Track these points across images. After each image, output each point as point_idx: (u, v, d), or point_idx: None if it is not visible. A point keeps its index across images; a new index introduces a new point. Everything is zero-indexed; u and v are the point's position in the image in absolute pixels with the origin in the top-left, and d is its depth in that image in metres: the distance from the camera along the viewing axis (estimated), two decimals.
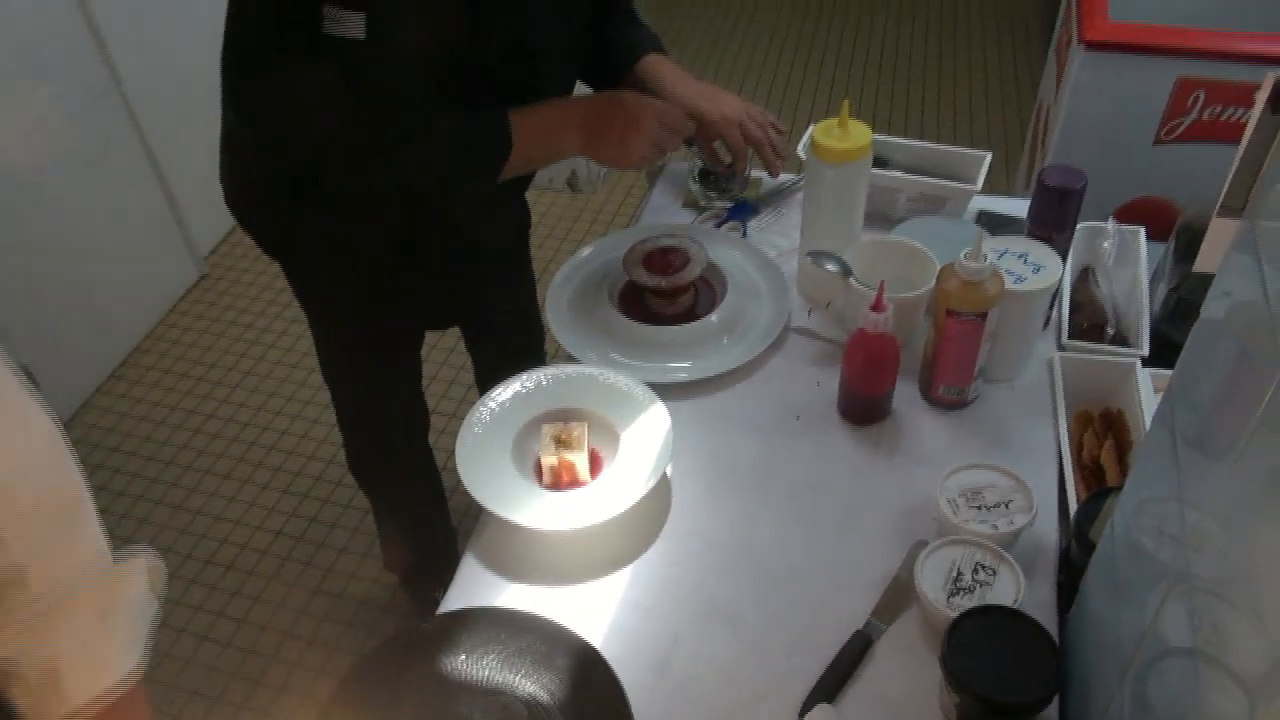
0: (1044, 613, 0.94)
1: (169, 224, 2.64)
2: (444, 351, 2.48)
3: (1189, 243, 1.28)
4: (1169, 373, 0.96)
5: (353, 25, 0.97)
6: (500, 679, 0.92)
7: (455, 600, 1.01)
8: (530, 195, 1.48)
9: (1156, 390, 1.11)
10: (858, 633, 0.94)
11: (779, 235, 1.45)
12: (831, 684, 0.90)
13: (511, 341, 1.70)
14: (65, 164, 2.33)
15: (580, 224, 2.92)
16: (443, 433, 2.11)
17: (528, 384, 1.16)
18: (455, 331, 1.79)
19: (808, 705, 0.89)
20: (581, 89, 1.33)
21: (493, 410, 1.13)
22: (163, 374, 2.53)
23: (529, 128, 1.16)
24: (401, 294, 1.36)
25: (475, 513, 1.05)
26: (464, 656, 0.94)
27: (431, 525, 1.82)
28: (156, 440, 2.35)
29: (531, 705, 0.90)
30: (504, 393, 1.15)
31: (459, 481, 1.05)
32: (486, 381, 1.77)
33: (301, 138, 1.11)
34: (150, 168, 2.56)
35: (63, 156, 2.33)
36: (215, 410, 2.43)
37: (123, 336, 2.58)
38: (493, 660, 0.94)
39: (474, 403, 1.14)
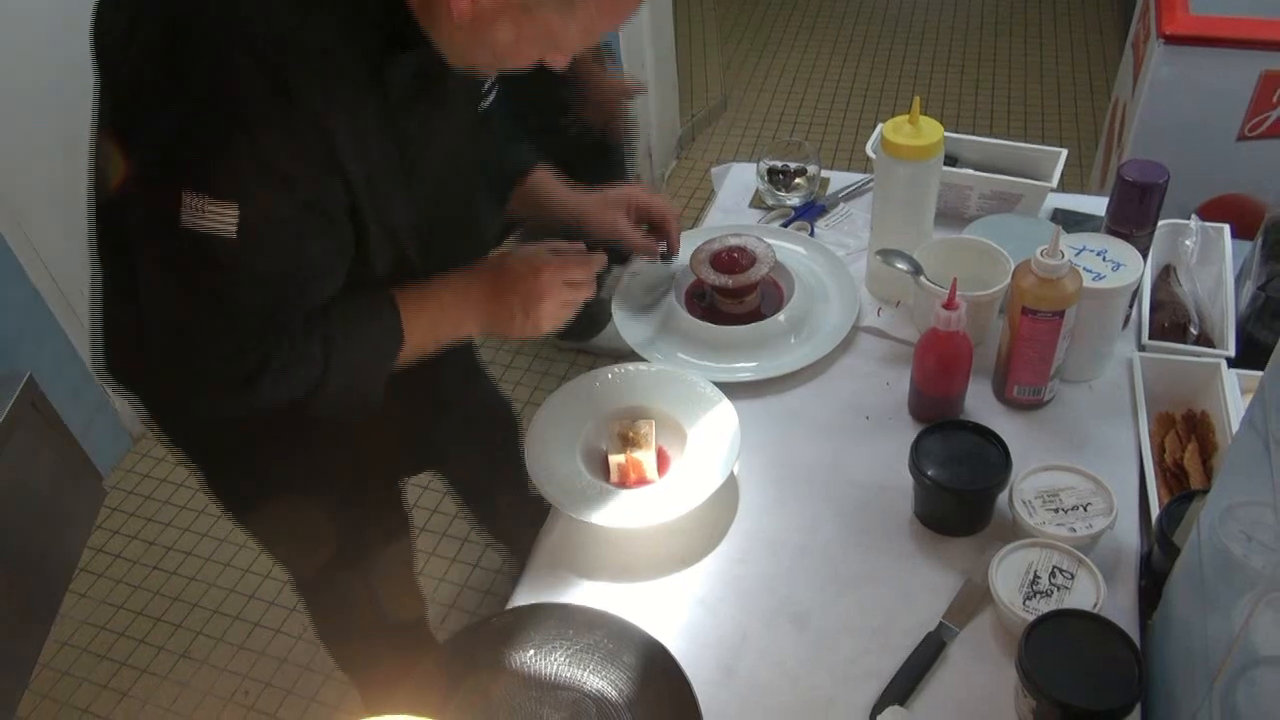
0: (1125, 618, 0.91)
1: None
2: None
3: (1278, 240, 1.24)
4: (1258, 374, 0.93)
5: (221, 221, 0.78)
6: (568, 674, 0.93)
7: (523, 596, 1.02)
8: None
9: (1244, 392, 1.07)
10: (930, 635, 0.93)
11: (847, 235, 1.44)
12: (903, 686, 0.89)
13: (488, 435, 1.52)
14: None
15: None
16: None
17: (595, 382, 1.16)
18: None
19: (879, 707, 0.88)
20: None
21: (561, 408, 1.14)
22: None
23: (422, 323, 0.99)
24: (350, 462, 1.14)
25: None
26: (532, 652, 0.95)
27: None
28: None
29: (600, 701, 0.91)
30: (572, 390, 1.15)
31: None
32: (475, 494, 1.63)
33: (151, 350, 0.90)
34: None
35: None
36: None
37: None
38: (561, 656, 0.94)
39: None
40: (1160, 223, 1.17)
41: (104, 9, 0.85)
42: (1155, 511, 0.99)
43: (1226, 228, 1.30)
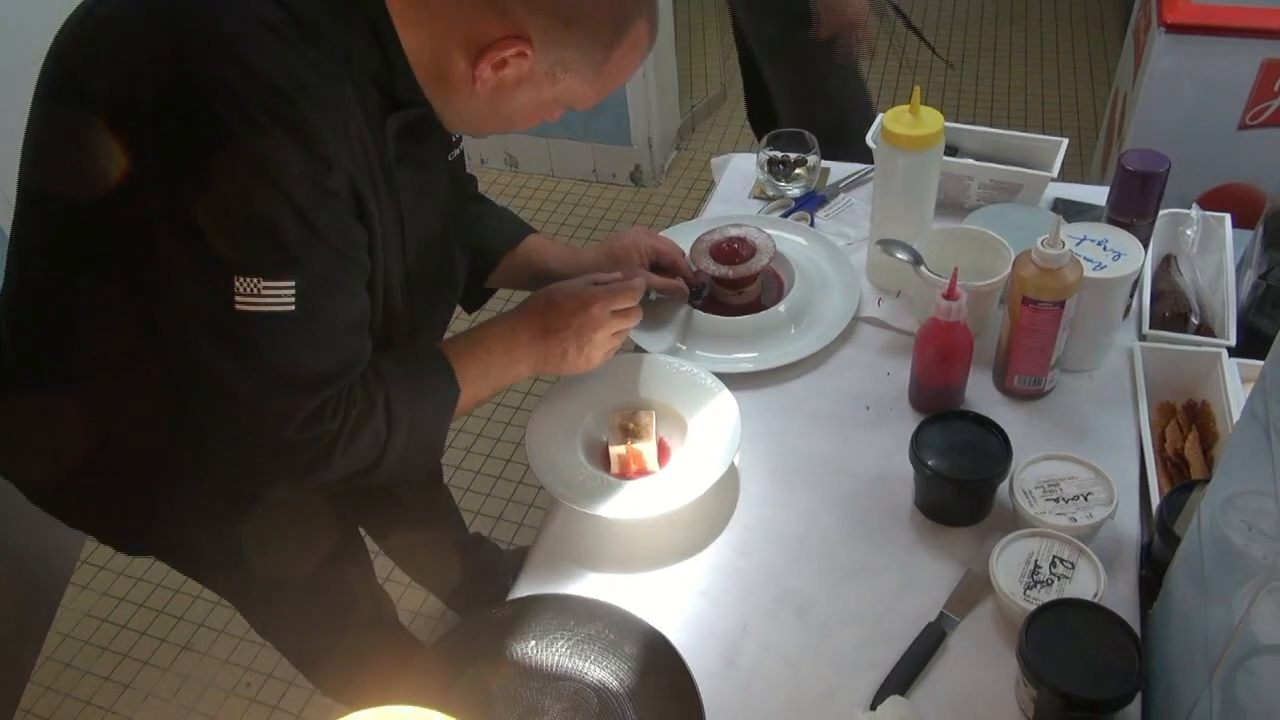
0: (1125, 608, 0.91)
1: None
2: None
3: (1279, 229, 1.23)
4: (1258, 363, 0.93)
5: (278, 297, 0.77)
6: (570, 665, 0.93)
7: (525, 588, 1.02)
8: (595, 189, 1.47)
9: (1245, 381, 1.07)
10: (930, 625, 0.93)
11: (848, 225, 1.43)
12: (904, 676, 0.89)
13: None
14: None
15: (644, 217, 2.92)
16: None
17: (596, 374, 1.16)
18: None
19: (879, 697, 0.88)
20: None
21: (561, 399, 1.14)
22: None
23: (473, 374, 0.98)
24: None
25: None
26: (533, 642, 0.95)
27: None
28: None
29: (601, 692, 0.91)
30: (572, 382, 1.15)
31: None
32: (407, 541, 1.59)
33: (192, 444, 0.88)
34: None
35: None
36: None
37: None
38: (562, 647, 0.94)
39: None
40: (1161, 212, 1.17)
41: (84, 46, 0.80)
42: (1156, 501, 0.99)
43: (1227, 217, 1.30)
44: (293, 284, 0.77)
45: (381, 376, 0.89)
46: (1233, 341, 1.14)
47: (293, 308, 0.77)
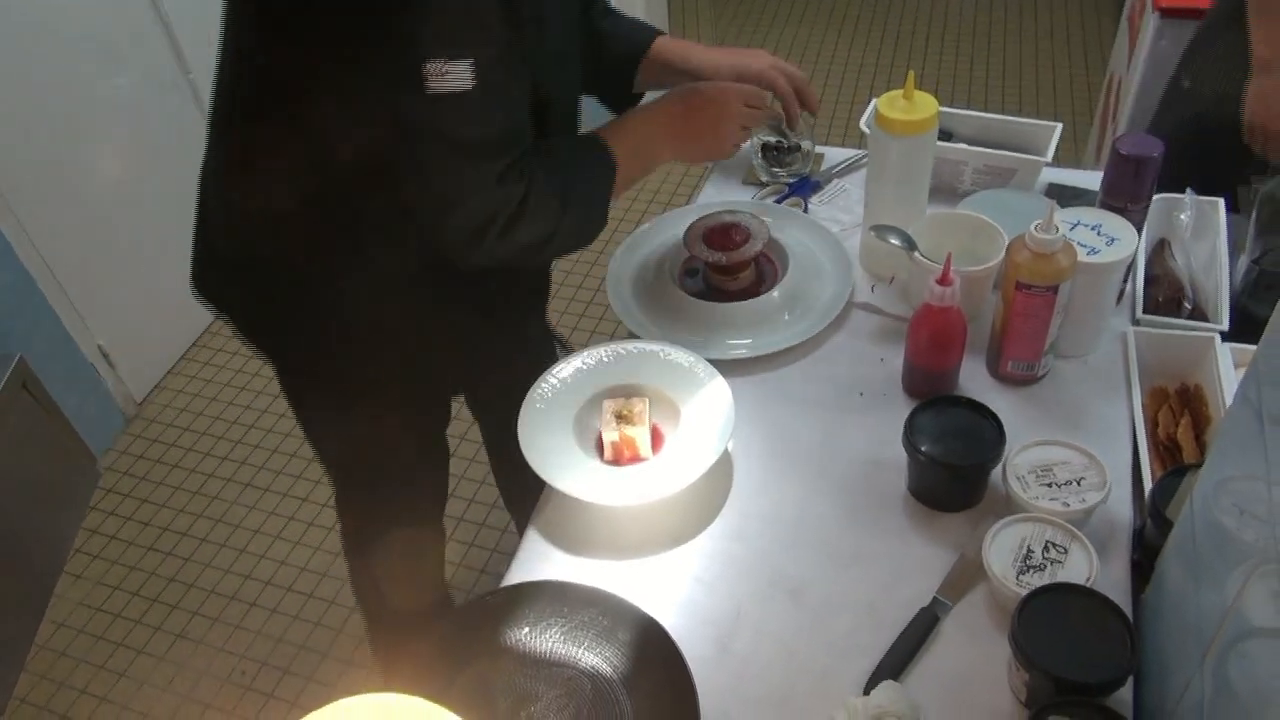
0: (1118, 592, 0.92)
1: None
2: None
3: (1273, 214, 1.23)
4: (1251, 348, 0.93)
5: (460, 76, 0.89)
6: (563, 652, 0.93)
7: (518, 574, 1.02)
8: None
9: (1238, 366, 1.07)
10: (923, 610, 0.93)
11: (841, 210, 1.43)
12: (897, 661, 0.89)
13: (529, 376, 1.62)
14: (136, 150, 2.40)
15: (639, 203, 2.91)
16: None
17: (589, 360, 1.16)
18: None
19: (873, 681, 0.88)
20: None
21: (554, 386, 1.14)
22: (231, 355, 2.60)
23: (624, 152, 1.10)
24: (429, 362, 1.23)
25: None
26: (527, 629, 0.95)
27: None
28: (225, 420, 2.42)
29: (595, 678, 0.91)
30: (565, 369, 1.15)
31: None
32: (501, 438, 1.62)
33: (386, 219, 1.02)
34: None
35: (134, 142, 2.40)
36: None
37: (193, 320, 2.65)
38: (556, 633, 0.95)
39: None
40: (1155, 197, 1.16)
41: None
42: (1148, 486, 0.99)
43: (1221, 201, 1.30)
44: (469, 61, 0.89)
45: (547, 155, 1.02)
46: (1226, 326, 1.14)
47: (471, 85, 0.89)
